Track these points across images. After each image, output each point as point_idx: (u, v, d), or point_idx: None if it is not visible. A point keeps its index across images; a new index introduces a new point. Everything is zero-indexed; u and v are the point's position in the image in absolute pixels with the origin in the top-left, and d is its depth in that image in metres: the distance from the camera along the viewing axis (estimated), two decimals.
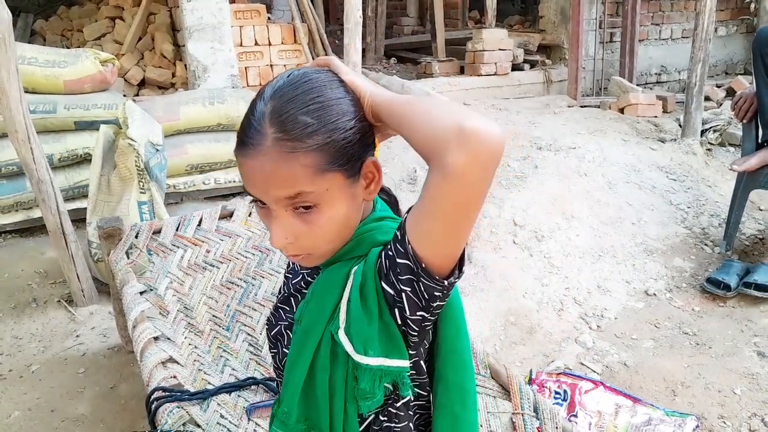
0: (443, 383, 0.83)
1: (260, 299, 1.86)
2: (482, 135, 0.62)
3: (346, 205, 0.76)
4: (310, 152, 0.71)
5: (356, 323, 0.74)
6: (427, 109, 0.68)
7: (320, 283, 0.82)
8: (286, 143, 0.71)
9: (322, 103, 0.73)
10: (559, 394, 1.98)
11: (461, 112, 0.65)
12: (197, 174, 3.19)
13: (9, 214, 2.86)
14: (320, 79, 0.76)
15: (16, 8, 4.80)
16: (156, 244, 1.99)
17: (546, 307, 2.54)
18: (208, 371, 1.56)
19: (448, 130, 0.63)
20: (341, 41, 3.46)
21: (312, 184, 0.72)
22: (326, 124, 0.72)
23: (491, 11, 5.12)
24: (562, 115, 4.23)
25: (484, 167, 0.64)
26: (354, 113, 0.75)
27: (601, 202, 3.13)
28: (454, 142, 0.63)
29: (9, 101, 2.18)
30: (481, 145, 0.63)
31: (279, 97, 0.74)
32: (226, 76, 3.99)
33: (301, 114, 0.72)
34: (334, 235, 0.78)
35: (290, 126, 0.71)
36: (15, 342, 2.29)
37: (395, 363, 0.74)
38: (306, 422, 0.81)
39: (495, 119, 0.66)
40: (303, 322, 0.81)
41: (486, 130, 0.63)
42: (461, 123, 0.63)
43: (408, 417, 0.83)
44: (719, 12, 5.16)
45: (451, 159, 0.63)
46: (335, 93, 0.75)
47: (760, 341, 2.30)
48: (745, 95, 2.79)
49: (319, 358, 0.78)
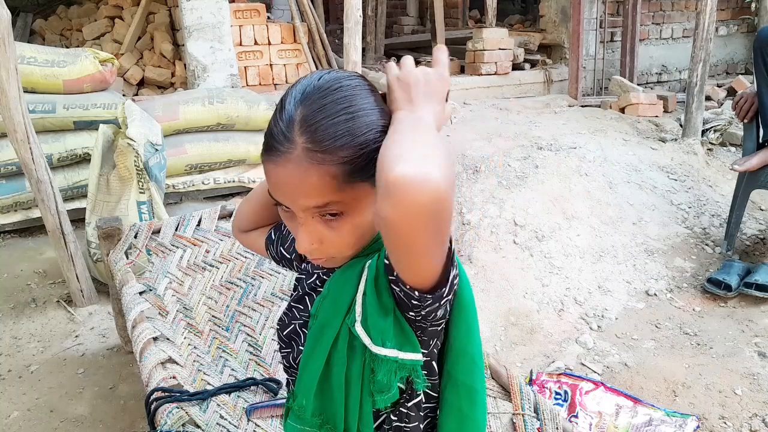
0: (452, 383, 0.82)
1: (260, 299, 1.85)
2: (407, 187, 0.57)
3: (369, 212, 0.76)
4: (340, 165, 0.71)
5: (372, 315, 0.74)
6: (388, 142, 0.65)
7: (336, 278, 0.82)
8: (317, 154, 0.70)
9: (353, 114, 0.72)
10: (559, 394, 1.97)
11: (399, 156, 0.59)
12: (197, 174, 3.19)
13: (8, 214, 2.85)
14: (350, 86, 0.75)
15: (16, 8, 4.80)
16: (155, 244, 1.98)
17: (546, 307, 2.54)
18: (207, 372, 1.55)
19: (381, 179, 0.59)
20: (341, 40, 3.45)
21: (341, 193, 0.72)
22: (356, 136, 0.72)
23: (491, 10, 5.11)
24: (563, 115, 4.22)
25: (410, 220, 0.59)
26: (383, 124, 0.74)
27: (602, 202, 3.13)
28: (381, 192, 0.59)
29: (8, 101, 2.17)
30: (403, 198, 0.57)
31: (309, 104, 0.72)
32: (225, 75, 3.98)
33: (332, 125, 0.71)
34: (357, 241, 0.78)
35: (320, 137, 0.71)
36: (14, 342, 2.29)
37: (409, 356, 0.74)
38: (321, 416, 0.81)
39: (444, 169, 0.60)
40: (319, 317, 0.81)
41: (413, 182, 0.56)
42: (387, 172, 0.58)
43: (419, 418, 0.83)
44: (720, 11, 5.15)
45: (378, 207, 0.60)
46: (365, 103, 0.74)
47: (761, 341, 2.29)
48: (746, 95, 2.79)
49: (336, 353, 0.78)
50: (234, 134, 3.24)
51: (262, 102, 3.31)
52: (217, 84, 3.91)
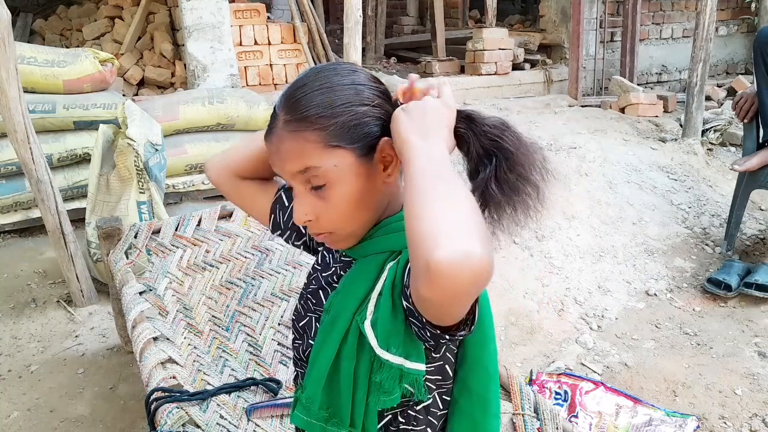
0: (466, 391, 0.83)
1: (260, 299, 1.85)
2: (450, 272, 0.57)
3: (358, 183, 0.78)
4: (316, 130, 0.76)
5: (383, 319, 0.75)
6: (417, 208, 0.64)
7: (351, 274, 0.84)
8: (293, 123, 0.77)
9: (329, 87, 0.78)
10: (559, 394, 1.97)
11: (436, 236, 0.59)
12: (197, 174, 3.18)
13: (8, 214, 2.85)
14: (336, 68, 0.81)
15: (16, 8, 4.79)
16: (155, 244, 1.98)
17: (546, 307, 2.54)
18: (207, 372, 1.55)
19: (419, 259, 0.60)
20: (341, 40, 3.45)
21: (319, 159, 0.76)
22: (332, 105, 0.76)
23: (491, 10, 5.11)
24: (563, 115, 4.22)
25: (453, 299, 0.61)
26: (368, 98, 0.78)
27: (602, 202, 3.13)
28: (423, 275, 0.59)
29: (8, 101, 2.17)
30: (446, 283, 0.58)
31: (293, 84, 0.81)
32: (225, 75, 3.98)
33: (308, 97, 0.77)
34: (350, 214, 0.80)
35: (296, 107, 0.78)
36: (14, 342, 2.28)
37: (414, 366, 0.75)
38: (328, 410, 0.81)
39: (483, 240, 0.59)
40: (331, 311, 0.82)
41: (456, 266, 0.57)
42: (429, 257, 0.58)
43: (426, 422, 0.83)
44: (720, 11, 5.15)
45: (419, 287, 0.61)
46: (346, 79, 0.79)
47: (761, 341, 2.29)
48: (746, 95, 2.79)
49: (346, 347, 0.79)
50: (234, 134, 3.23)
51: (262, 102, 3.30)
52: (217, 84, 3.91)
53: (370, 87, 0.80)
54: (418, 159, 0.69)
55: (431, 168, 0.67)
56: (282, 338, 1.72)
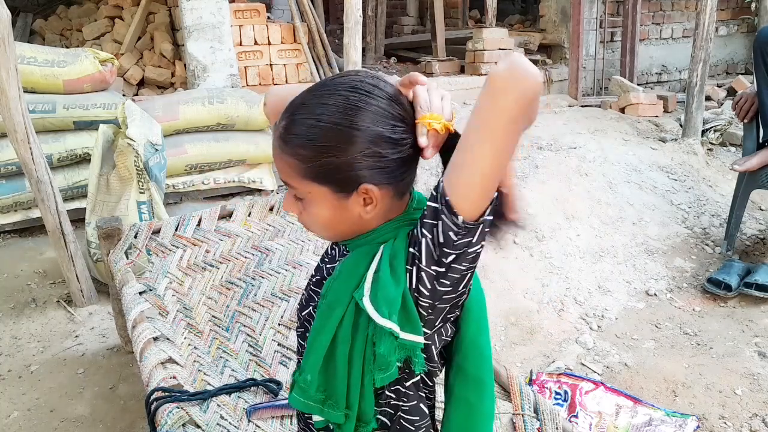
0: (462, 375, 0.85)
1: (260, 299, 1.85)
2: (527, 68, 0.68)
3: (329, 212, 0.81)
4: (295, 158, 0.79)
5: (383, 289, 0.76)
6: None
7: (347, 261, 0.85)
8: (282, 141, 0.80)
9: (321, 123, 0.76)
10: (559, 394, 1.97)
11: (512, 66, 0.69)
12: (197, 174, 3.18)
13: (8, 214, 2.85)
14: (345, 98, 0.77)
15: (16, 8, 4.79)
16: (155, 244, 1.98)
17: (546, 307, 2.54)
18: (207, 372, 1.55)
19: (506, 62, 0.69)
20: (341, 40, 3.45)
21: (295, 182, 0.81)
22: (315, 143, 0.77)
23: (491, 10, 5.11)
24: (563, 115, 4.22)
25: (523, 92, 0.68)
26: (360, 145, 0.75)
27: (602, 202, 3.13)
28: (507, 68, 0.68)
29: (8, 101, 2.17)
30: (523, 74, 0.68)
31: (305, 95, 0.80)
32: (225, 75, 3.98)
33: (301, 122, 0.78)
34: (321, 228, 0.85)
35: (288, 129, 0.79)
36: (14, 342, 2.28)
37: (409, 337, 0.76)
38: (324, 392, 0.83)
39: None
40: (328, 297, 0.84)
41: (530, 67, 0.69)
42: (514, 59, 0.69)
43: (417, 397, 0.85)
44: (720, 11, 5.15)
45: (500, 80, 0.68)
46: (345, 120, 0.75)
47: (761, 341, 2.29)
48: (746, 95, 2.79)
49: (341, 330, 0.80)
50: (234, 134, 3.23)
51: (262, 102, 3.30)
52: (217, 84, 3.91)
53: (370, 132, 0.76)
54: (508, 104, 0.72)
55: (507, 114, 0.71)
56: (282, 338, 1.72)
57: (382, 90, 0.79)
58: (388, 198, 0.81)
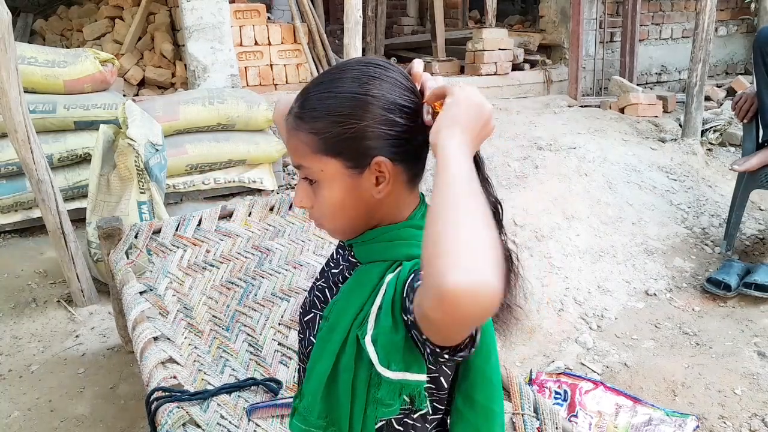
0: (470, 403, 0.83)
1: (260, 299, 1.85)
2: (464, 300, 0.55)
3: (342, 192, 0.80)
4: (310, 134, 0.78)
5: (383, 334, 0.74)
6: (444, 230, 0.60)
7: (350, 283, 0.84)
8: (296, 119, 0.80)
9: (337, 94, 0.77)
10: (559, 394, 1.97)
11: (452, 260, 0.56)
12: (197, 174, 3.19)
13: (8, 214, 2.85)
14: (360, 71, 0.79)
15: (16, 8, 4.80)
16: (156, 244, 1.98)
17: (546, 307, 2.54)
18: (208, 371, 1.56)
19: (432, 276, 0.57)
20: (341, 41, 3.46)
21: (309, 160, 0.80)
22: (331, 114, 0.77)
23: (491, 11, 5.11)
24: (563, 115, 4.23)
25: (461, 325, 0.59)
26: (373, 113, 0.76)
27: (602, 202, 3.13)
28: (432, 295, 0.57)
29: (9, 101, 2.18)
30: (457, 309, 0.56)
31: (319, 77, 0.82)
32: (225, 75, 3.98)
33: (316, 98, 0.79)
34: (332, 217, 0.83)
35: (304, 105, 0.80)
36: (14, 342, 2.29)
37: (415, 377, 0.74)
38: (326, 419, 0.82)
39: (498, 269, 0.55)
40: (330, 319, 0.82)
41: (470, 295, 0.55)
42: (443, 278, 0.55)
43: (424, 429, 0.83)
44: (719, 12, 5.15)
45: (425, 305, 0.58)
46: (361, 89, 0.77)
47: (761, 341, 2.30)
48: (746, 95, 2.79)
49: (344, 358, 0.79)
50: (234, 134, 3.24)
51: (263, 102, 3.31)
52: (218, 84, 3.91)
53: (385, 100, 0.77)
54: (453, 167, 0.66)
55: (464, 180, 0.64)
56: (282, 338, 1.72)
57: (393, 66, 0.82)
58: (399, 182, 0.80)
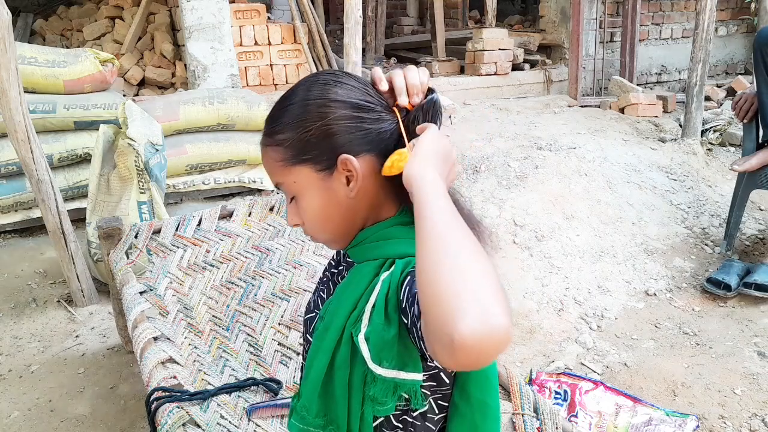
0: (466, 397, 0.83)
1: (260, 299, 1.85)
2: (477, 347, 0.53)
3: (319, 199, 0.81)
4: (277, 147, 0.80)
5: (375, 332, 0.74)
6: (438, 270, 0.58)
7: (344, 282, 0.85)
8: (264, 138, 0.83)
9: (291, 103, 0.81)
10: (559, 394, 1.97)
11: (458, 305, 0.55)
12: (197, 174, 3.19)
13: (8, 214, 2.86)
14: (309, 81, 0.82)
15: (16, 8, 4.80)
16: (156, 244, 1.98)
17: (546, 307, 2.54)
18: (208, 371, 1.56)
19: (440, 327, 0.55)
20: (341, 41, 3.46)
21: (281, 175, 0.82)
22: (290, 122, 0.79)
23: (491, 11, 5.11)
24: (563, 115, 4.23)
25: (475, 366, 0.57)
26: (332, 113, 0.77)
27: (602, 202, 3.13)
28: (446, 346, 0.55)
29: (8, 101, 2.18)
30: (471, 356, 0.54)
31: (281, 97, 0.84)
32: (225, 75, 3.98)
33: (276, 112, 0.82)
34: (321, 227, 0.84)
35: (268, 122, 0.83)
36: (14, 342, 2.29)
37: (410, 376, 0.74)
38: (324, 417, 0.82)
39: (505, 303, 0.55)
40: (325, 318, 0.83)
41: (483, 341, 0.53)
42: (453, 329, 0.54)
43: (424, 428, 0.84)
44: (719, 12, 5.15)
45: (440, 355, 0.57)
46: (311, 93, 0.80)
47: (761, 341, 2.30)
48: (746, 95, 2.79)
49: (339, 357, 0.79)
50: (234, 134, 3.24)
51: (263, 102, 3.31)
52: (218, 84, 3.91)
53: (339, 98, 0.78)
54: (433, 201, 0.64)
55: (446, 213, 0.62)
56: (282, 338, 1.72)
57: (343, 72, 0.84)
58: (374, 176, 0.80)
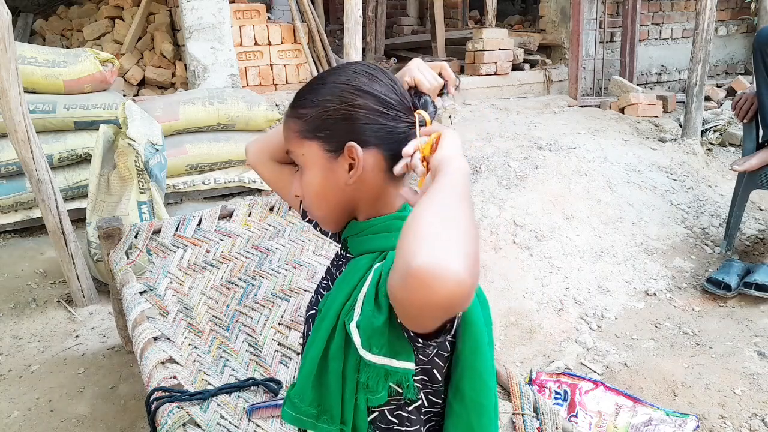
0: (459, 396, 0.82)
1: (260, 299, 1.85)
2: (425, 281, 0.56)
3: (320, 177, 0.85)
4: (297, 120, 0.86)
5: (366, 319, 0.75)
6: (421, 210, 0.64)
7: (342, 275, 0.86)
8: (289, 108, 0.88)
9: (320, 84, 0.85)
10: (559, 394, 1.97)
11: (423, 241, 0.59)
12: (197, 174, 3.19)
13: (9, 214, 2.86)
14: (342, 67, 0.87)
15: (16, 8, 4.80)
16: (156, 244, 1.98)
17: (546, 307, 2.54)
18: (208, 371, 1.56)
19: (403, 256, 0.60)
20: (341, 41, 3.46)
21: (294, 145, 0.87)
22: (317, 99, 0.84)
23: (491, 11, 5.12)
24: (563, 115, 4.23)
25: (424, 310, 0.60)
26: (352, 100, 0.81)
27: (602, 202, 3.13)
28: (401, 274, 0.59)
29: (9, 101, 2.18)
30: (419, 290, 0.57)
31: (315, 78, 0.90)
32: (225, 75, 3.98)
33: (304, 89, 0.87)
34: (317, 204, 0.88)
35: (299, 96, 0.88)
36: (14, 342, 2.29)
37: (401, 365, 0.74)
38: (318, 407, 0.83)
39: (470, 267, 0.57)
40: (322, 310, 0.84)
41: (432, 277, 0.56)
42: (412, 258, 0.57)
43: (420, 422, 0.83)
44: (719, 12, 5.15)
45: (393, 283, 0.61)
46: (341, 78, 0.84)
47: (761, 341, 2.30)
48: (746, 95, 2.79)
49: (333, 346, 0.80)
50: (234, 134, 3.24)
51: (262, 102, 3.31)
52: (218, 84, 3.91)
53: (368, 92, 0.82)
54: (456, 174, 0.69)
55: (462, 188, 0.68)
56: (282, 338, 1.72)
57: (382, 70, 0.87)
58: (378, 171, 0.83)
